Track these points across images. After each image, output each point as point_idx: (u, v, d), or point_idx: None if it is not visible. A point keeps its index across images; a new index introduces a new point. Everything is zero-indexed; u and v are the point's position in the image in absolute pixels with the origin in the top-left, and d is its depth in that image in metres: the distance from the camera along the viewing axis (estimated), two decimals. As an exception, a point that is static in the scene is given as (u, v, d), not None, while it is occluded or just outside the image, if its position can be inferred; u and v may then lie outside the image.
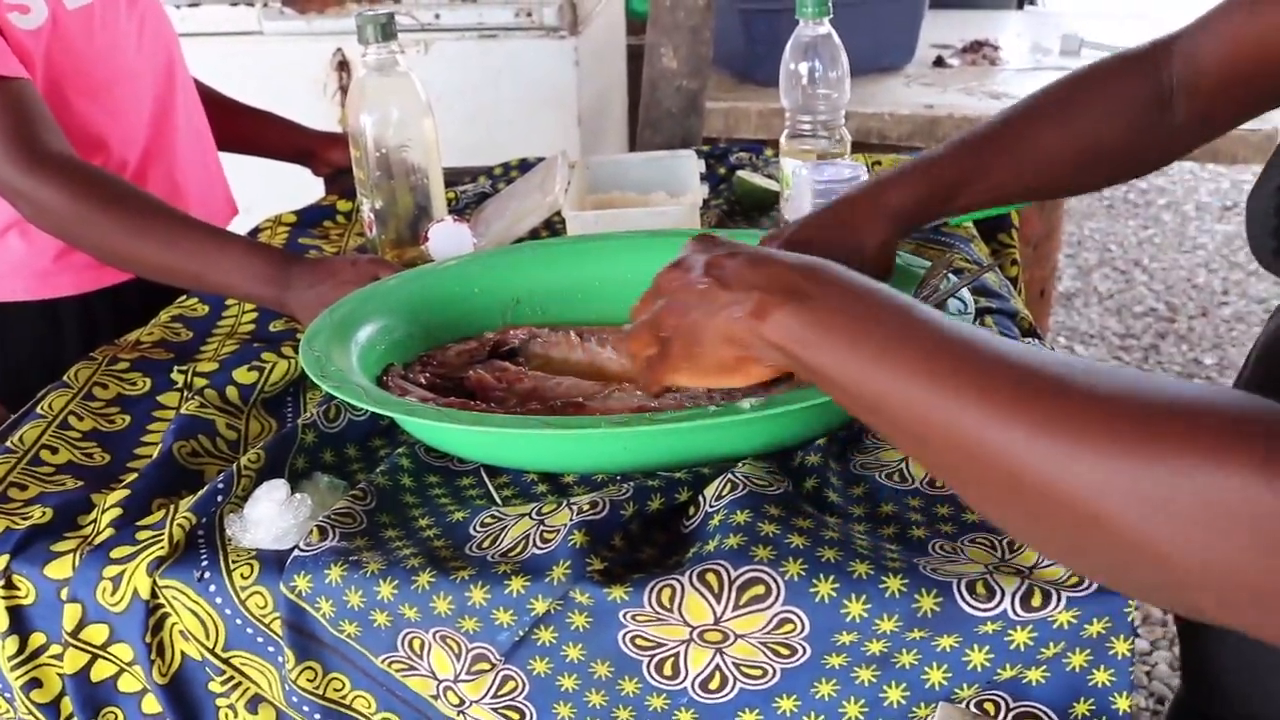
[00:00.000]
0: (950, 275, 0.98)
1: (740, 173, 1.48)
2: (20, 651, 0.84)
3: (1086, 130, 0.90)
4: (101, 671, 0.85)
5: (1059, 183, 0.95)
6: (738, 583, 0.74)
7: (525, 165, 1.62)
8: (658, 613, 0.75)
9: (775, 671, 0.76)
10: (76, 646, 0.83)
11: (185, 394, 1.06)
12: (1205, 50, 0.84)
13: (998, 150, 0.91)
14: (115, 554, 0.83)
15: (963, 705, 0.75)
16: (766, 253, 0.65)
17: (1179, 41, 0.87)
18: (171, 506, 0.87)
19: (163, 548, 0.82)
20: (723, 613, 0.74)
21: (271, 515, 0.83)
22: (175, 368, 1.11)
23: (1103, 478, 0.45)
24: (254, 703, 0.84)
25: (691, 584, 0.74)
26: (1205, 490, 0.43)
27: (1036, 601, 0.72)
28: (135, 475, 0.92)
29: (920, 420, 0.53)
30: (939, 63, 2.70)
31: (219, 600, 0.82)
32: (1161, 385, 0.46)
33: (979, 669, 0.74)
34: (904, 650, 0.74)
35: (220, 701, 0.84)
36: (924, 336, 0.54)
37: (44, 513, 0.87)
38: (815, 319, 0.58)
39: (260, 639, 0.83)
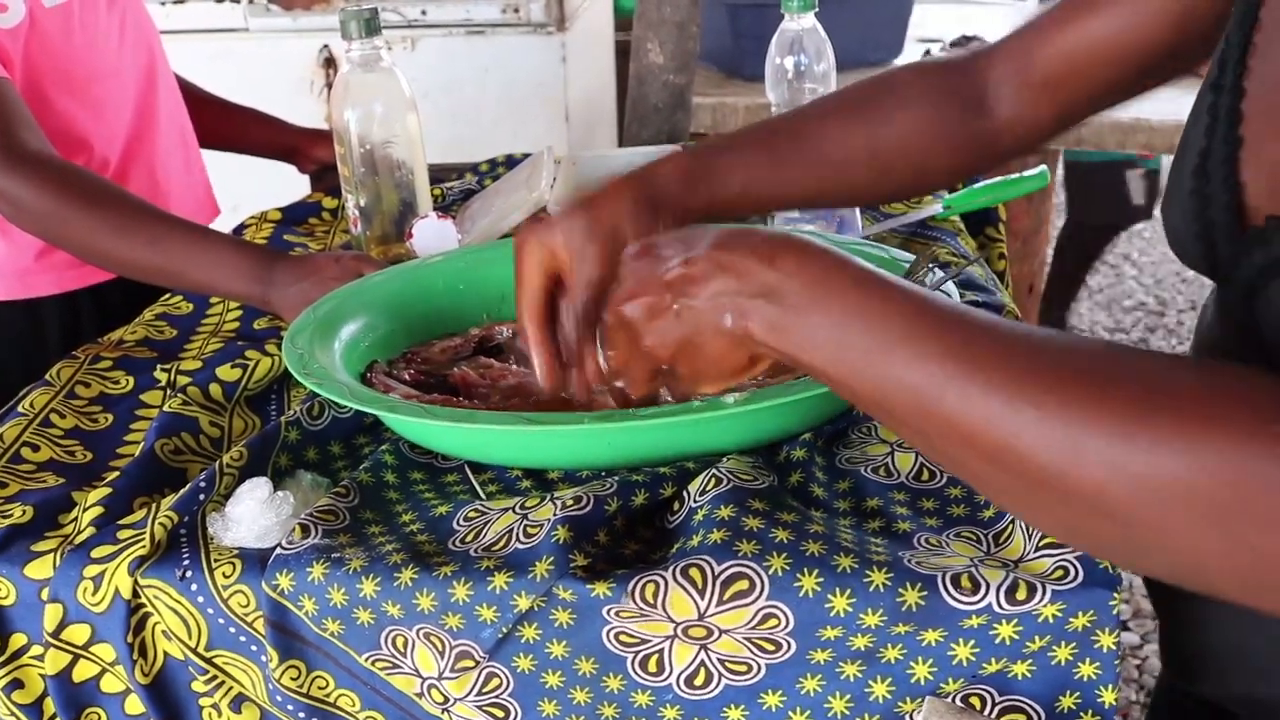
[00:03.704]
0: (935, 269, 0.98)
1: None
2: (1, 652, 0.84)
3: (881, 132, 0.86)
4: (83, 672, 0.84)
5: (854, 185, 0.89)
6: (721, 578, 0.74)
7: (512, 161, 1.61)
8: (641, 609, 0.75)
9: (760, 667, 0.75)
10: (58, 647, 0.83)
11: (168, 392, 1.06)
12: (1034, 48, 0.83)
13: (788, 148, 0.87)
14: (96, 553, 0.83)
15: (949, 699, 0.75)
16: (725, 241, 0.62)
17: (1006, 42, 0.86)
18: (153, 505, 0.87)
19: (144, 547, 0.82)
20: (707, 608, 0.74)
21: (254, 513, 0.83)
22: (158, 366, 1.10)
23: (1109, 459, 0.45)
24: (237, 702, 0.84)
25: (675, 579, 0.74)
26: (1206, 467, 0.43)
27: (1022, 595, 0.72)
28: (117, 474, 0.91)
29: (908, 402, 0.52)
30: (926, 57, 2.70)
31: (201, 599, 0.81)
32: (1157, 364, 0.47)
33: (965, 663, 0.74)
34: (889, 645, 0.74)
35: (204, 701, 0.84)
36: (904, 313, 0.53)
37: (24, 511, 0.87)
38: (792, 311, 0.57)
39: (243, 638, 0.82)
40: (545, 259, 0.78)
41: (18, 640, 0.84)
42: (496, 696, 0.79)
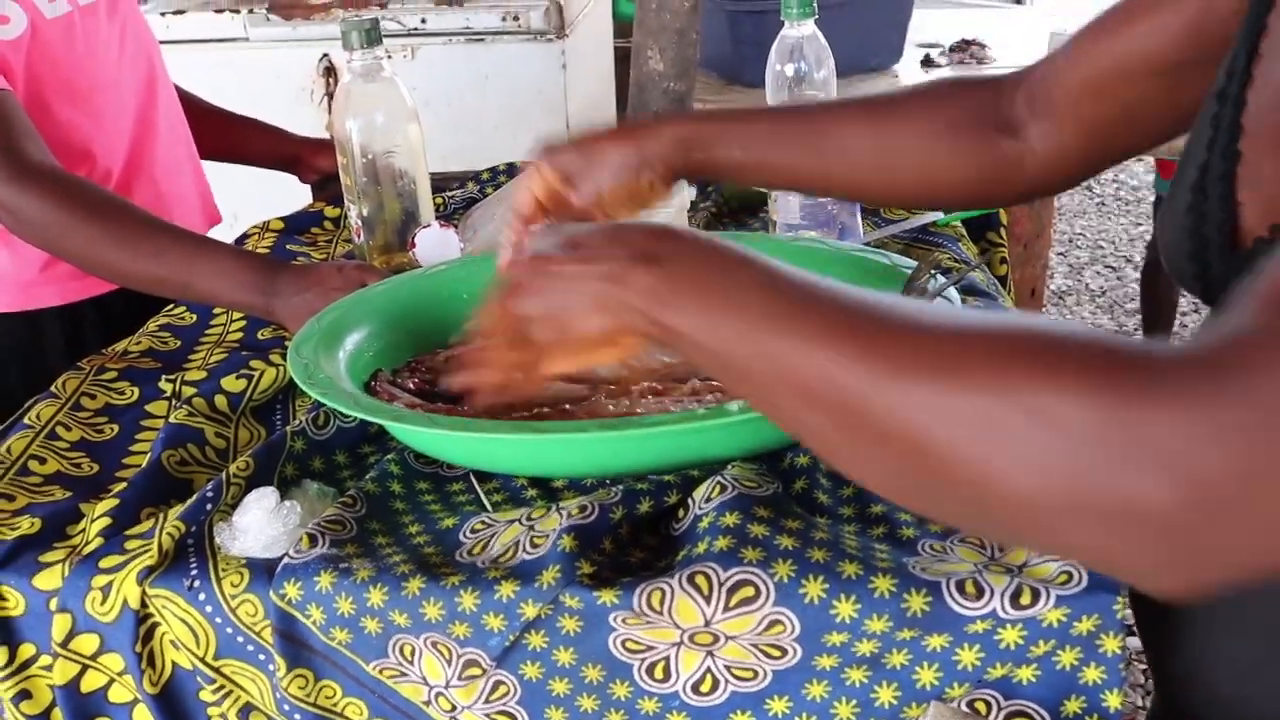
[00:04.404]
0: (937, 274, 0.98)
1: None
2: (10, 663, 0.84)
3: (893, 133, 0.86)
4: (92, 682, 0.84)
5: (859, 181, 0.89)
6: (727, 585, 0.74)
7: (514, 169, 1.62)
8: (648, 616, 0.75)
9: (766, 673, 0.76)
10: (66, 657, 0.83)
11: (174, 403, 1.06)
12: (1063, 74, 0.82)
13: (799, 125, 0.88)
14: (104, 564, 0.83)
15: (954, 705, 0.75)
16: (619, 224, 0.66)
17: (1038, 70, 0.85)
18: (160, 515, 0.87)
19: (152, 557, 0.82)
20: (713, 615, 0.74)
21: (261, 523, 0.83)
22: (163, 377, 1.10)
23: (937, 406, 0.47)
24: (245, 711, 0.84)
25: (681, 586, 0.74)
26: (1034, 412, 0.44)
27: (1026, 600, 0.72)
28: (124, 485, 0.91)
29: (765, 369, 0.54)
30: (927, 62, 2.70)
31: (209, 609, 0.81)
32: (989, 318, 0.48)
33: (970, 668, 0.74)
34: (894, 650, 0.74)
35: (212, 711, 0.84)
36: (768, 287, 0.55)
37: (32, 523, 0.87)
38: (670, 278, 0.59)
39: (251, 647, 0.82)
40: (541, 188, 0.86)
41: (26, 650, 0.84)
42: (504, 704, 0.79)
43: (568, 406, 0.94)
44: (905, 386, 0.48)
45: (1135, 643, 0.80)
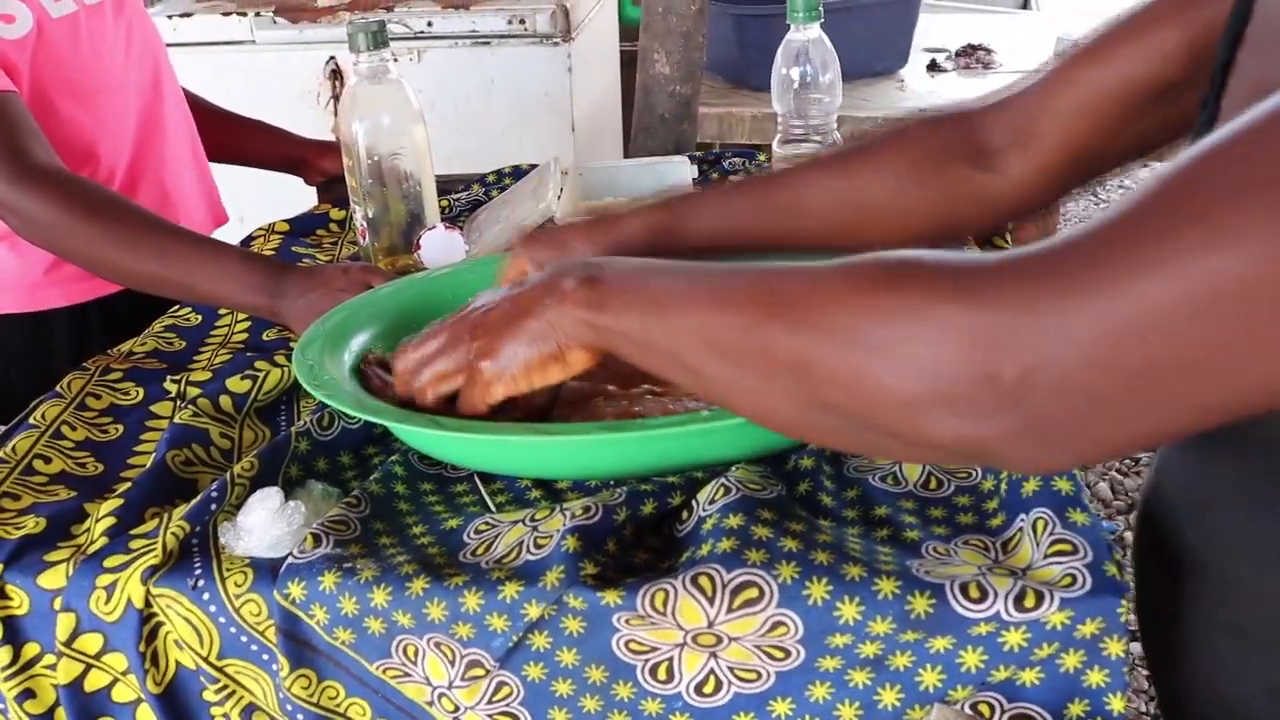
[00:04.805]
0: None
1: (733, 178, 1.48)
2: (13, 662, 0.84)
3: (866, 178, 0.87)
4: (96, 681, 0.84)
5: (838, 229, 0.89)
6: (731, 586, 0.74)
7: (519, 172, 1.62)
8: (651, 617, 0.75)
9: (769, 674, 0.76)
10: (70, 656, 0.83)
11: (178, 403, 1.06)
12: (1046, 101, 0.82)
13: (768, 189, 0.90)
14: (109, 563, 0.83)
15: (957, 707, 0.75)
16: (558, 264, 0.73)
17: (1017, 97, 0.85)
18: (165, 515, 0.87)
19: (156, 556, 0.82)
20: (716, 616, 0.74)
21: (265, 523, 0.83)
22: (168, 377, 1.11)
23: (810, 334, 0.55)
24: (248, 711, 0.84)
25: (685, 587, 0.74)
26: (894, 318, 0.51)
27: (1030, 603, 0.72)
28: (129, 484, 0.92)
29: (680, 343, 0.62)
30: (933, 66, 2.70)
31: (213, 608, 0.82)
32: (853, 259, 0.56)
33: (973, 670, 0.74)
34: (898, 652, 0.74)
35: (215, 710, 0.84)
36: (692, 279, 0.63)
37: (37, 522, 0.87)
38: (603, 285, 0.68)
39: (254, 647, 0.83)
40: (514, 276, 0.90)
41: (30, 650, 0.85)
42: (507, 705, 0.79)
43: (566, 410, 0.94)
44: (782, 324, 0.56)
45: (1138, 648, 0.80)
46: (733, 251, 0.90)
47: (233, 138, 1.62)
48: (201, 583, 0.81)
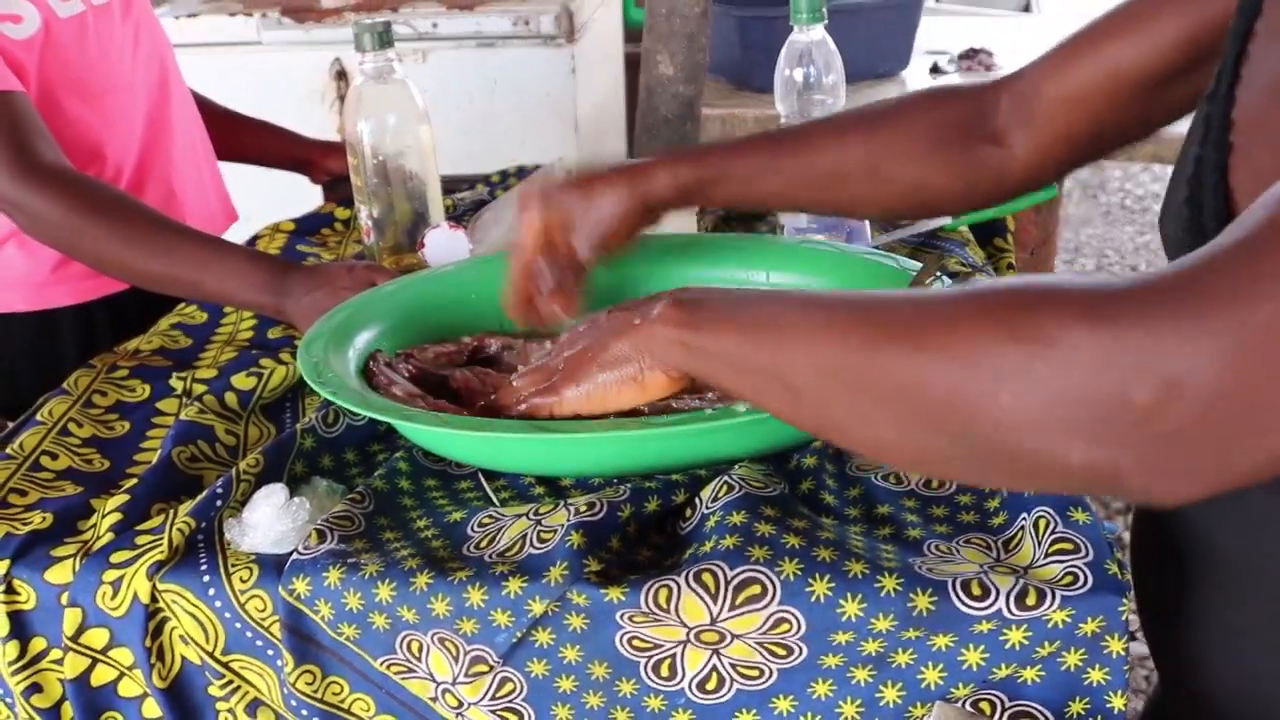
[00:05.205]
0: (943, 277, 0.98)
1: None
2: (21, 656, 0.85)
3: (881, 145, 0.90)
4: (102, 676, 0.85)
5: (853, 195, 0.93)
6: (734, 583, 0.74)
7: (523, 172, 1.62)
8: (654, 614, 0.75)
9: (772, 672, 0.76)
10: (77, 651, 0.84)
11: (184, 400, 1.07)
12: (1042, 85, 0.85)
13: (793, 151, 0.91)
14: (115, 558, 0.84)
15: (959, 704, 0.75)
16: (648, 297, 0.73)
17: (1019, 78, 0.88)
18: (171, 511, 0.88)
19: (162, 552, 0.83)
20: (719, 613, 0.74)
21: (270, 519, 0.84)
22: (174, 374, 1.11)
23: (932, 361, 0.53)
24: (253, 706, 0.85)
25: (688, 584, 0.75)
26: (1024, 342, 0.49)
27: (1031, 601, 0.72)
28: (135, 481, 0.92)
29: (803, 367, 0.59)
30: (935, 69, 2.71)
31: (218, 604, 0.82)
32: (975, 285, 0.54)
33: (974, 668, 0.74)
34: (900, 650, 0.75)
35: (220, 705, 0.85)
36: (795, 302, 0.62)
37: (44, 518, 0.88)
38: (698, 309, 0.67)
39: (259, 642, 0.83)
40: (541, 227, 0.91)
41: (37, 644, 0.85)
42: (510, 701, 0.80)
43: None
44: (901, 347, 0.54)
45: (1139, 648, 0.80)
46: (752, 207, 0.98)
47: (238, 139, 1.63)
48: (207, 578, 0.82)
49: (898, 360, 0.54)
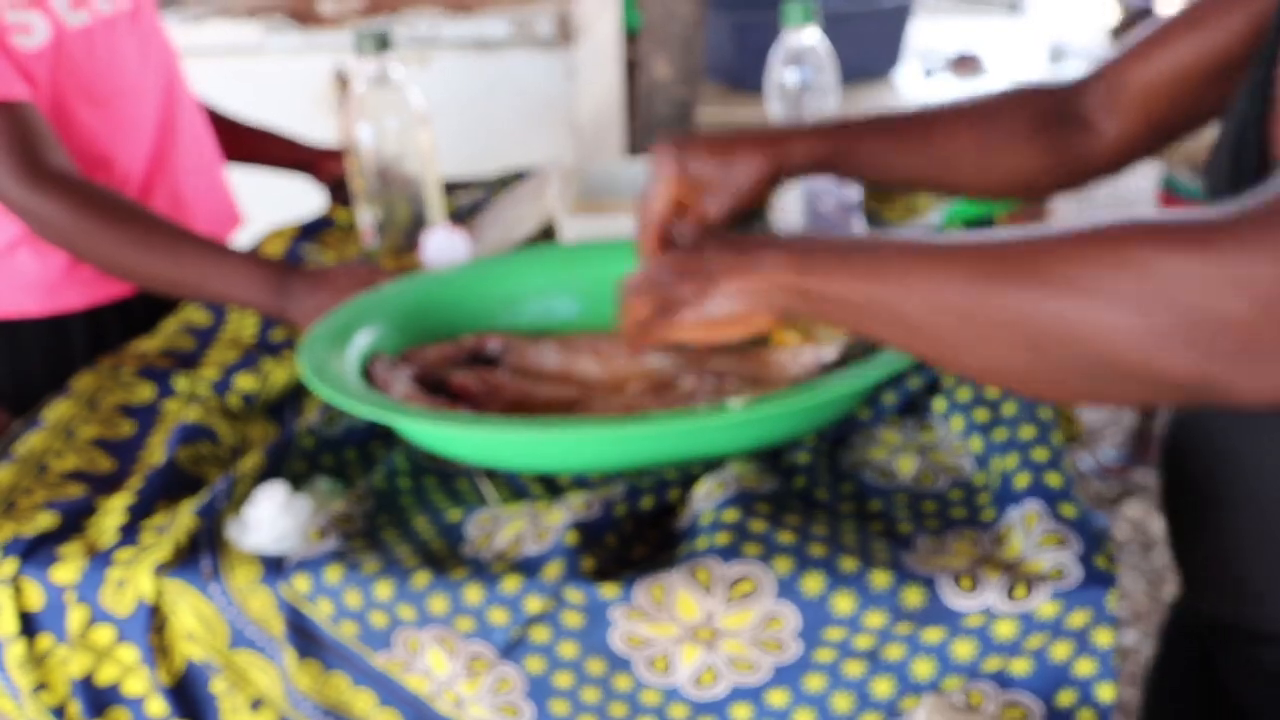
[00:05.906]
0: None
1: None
2: (29, 655, 0.86)
3: (987, 133, 0.95)
4: (108, 674, 0.86)
5: (962, 177, 0.98)
6: (728, 579, 0.76)
7: (522, 175, 1.64)
8: (649, 610, 0.76)
9: (766, 667, 0.77)
10: (83, 649, 0.85)
11: (188, 401, 1.08)
12: (1127, 76, 0.91)
13: (912, 135, 0.95)
14: (119, 557, 0.85)
15: (950, 697, 0.76)
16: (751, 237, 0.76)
17: (1102, 70, 0.94)
18: (174, 510, 0.89)
19: (166, 551, 0.84)
20: (713, 609, 0.76)
21: (271, 517, 0.85)
22: (178, 375, 1.12)
23: (1053, 290, 0.59)
24: (256, 703, 0.86)
25: (683, 581, 0.76)
26: (1130, 268, 0.56)
27: (1020, 594, 0.74)
28: (140, 480, 0.93)
29: (923, 304, 0.64)
30: (928, 74, 2.72)
31: (221, 601, 0.83)
32: (1085, 221, 0.60)
33: (965, 661, 0.75)
34: (891, 644, 0.76)
35: (224, 702, 0.86)
36: (910, 244, 0.66)
37: (51, 518, 0.89)
38: (807, 251, 0.71)
39: (261, 639, 0.84)
40: (675, 186, 0.91)
41: (44, 642, 0.86)
42: (509, 697, 0.81)
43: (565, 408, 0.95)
44: (1017, 278, 0.60)
45: (1130, 640, 0.82)
46: (866, 183, 1.01)
47: (241, 146, 1.64)
48: (210, 576, 0.83)
49: (1018, 294, 0.60)
